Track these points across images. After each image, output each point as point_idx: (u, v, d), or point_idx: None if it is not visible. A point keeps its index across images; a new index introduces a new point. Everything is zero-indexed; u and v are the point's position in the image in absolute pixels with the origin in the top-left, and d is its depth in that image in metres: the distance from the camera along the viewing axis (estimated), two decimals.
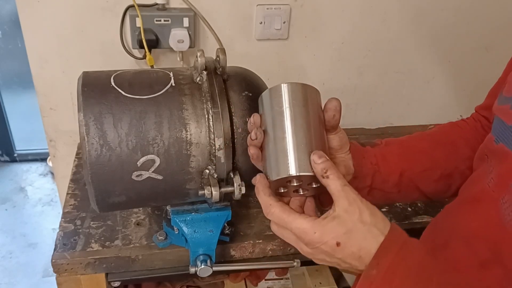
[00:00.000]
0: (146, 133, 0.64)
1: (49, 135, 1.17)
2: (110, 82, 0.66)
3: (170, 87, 0.67)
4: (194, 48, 1.08)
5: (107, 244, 0.82)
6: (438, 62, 1.28)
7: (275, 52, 1.17)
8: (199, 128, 0.66)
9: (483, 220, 0.56)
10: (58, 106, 1.12)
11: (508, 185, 0.53)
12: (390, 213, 0.96)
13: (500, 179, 0.56)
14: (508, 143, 0.55)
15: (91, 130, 0.62)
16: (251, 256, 0.87)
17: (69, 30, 1.04)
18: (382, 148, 0.70)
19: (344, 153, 0.63)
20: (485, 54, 1.28)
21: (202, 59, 0.67)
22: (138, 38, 1.02)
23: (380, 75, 1.27)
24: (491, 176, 0.57)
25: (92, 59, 1.08)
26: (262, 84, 0.74)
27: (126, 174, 0.64)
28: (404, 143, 0.73)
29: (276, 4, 1.09)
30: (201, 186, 0.68)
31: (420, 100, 1.33)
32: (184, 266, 0.82)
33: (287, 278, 1.31)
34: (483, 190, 0.58)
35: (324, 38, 1.17)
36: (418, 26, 1.21)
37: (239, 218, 0.90)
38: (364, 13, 1.16)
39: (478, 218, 0.58)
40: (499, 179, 0.56)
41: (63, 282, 0.81)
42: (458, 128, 0.75)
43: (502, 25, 1.24)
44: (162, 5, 1.03)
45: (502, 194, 0.54)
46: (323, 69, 1.22)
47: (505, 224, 0.52)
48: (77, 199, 0.93)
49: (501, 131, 0.57)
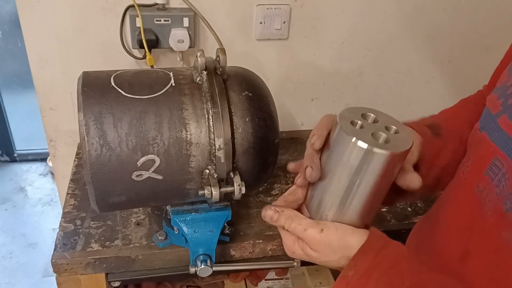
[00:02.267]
0: (146, 133, 0.64)
1: (49, 135, 1.17)
2: (110, 82, 0.66)
3: (170, 87, 0.67)
4: (194, 48, 1.08)
5: (107, 244, 0.82)
6: (438, 62, 1.28)
7: (275, 52, 1.17)
8: (199, 128, 0.66)
9: (462, 209, 0.57)
10: (58, 106, 1.12)
11: (481, 173, 0.54)
12: (390, 213, 0.96)
13: (475, 166, 0.56)
14: (489, 132, 0.55)
15: (91, 130, 0.62)
16: (251, 256, 0.87)
17: (69, 30, 1.04)
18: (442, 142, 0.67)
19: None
20: (485, 54, 1.28)
21: (202, 59, 0.67)
22: (138, 38, 1.02)
23: (380, 75, 1.27)
24: (467, 164, 0.58)
25: (92, 59, 1.08)
26: (262, 84, 0.74)
27: (126, 174, 0.64)
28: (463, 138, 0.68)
29: (276, 4, 1.09)
30: (201, 186, 0.68)
31: (420, 100, 1.33)
32: (184, 266, 0.82)
33: (287, 278, 1.31)
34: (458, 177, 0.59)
35: (324, 38, 1.17)
36: (418, 26, 1.21)
37: (239, 218, 0.90)
38: (364, 13, 1.16)
39: (457, 208, 0.58)
40: (473, 166, 0.56)
41: (63, 282, 0.81)
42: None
43: (502, 25, 1.24)
44: (162, 5, 1.03)
45: (476, 182, 0.54)
46: (323, 69, 1.22)
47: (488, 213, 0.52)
48: (77, 199, 0.93)
49: (486, 120, 0.57)
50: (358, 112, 0.53)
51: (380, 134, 0.51)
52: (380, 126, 0.52)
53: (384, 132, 0.51)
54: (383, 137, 0.50)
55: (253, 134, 0.68)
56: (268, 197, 0.96)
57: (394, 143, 0.49)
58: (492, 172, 0.52)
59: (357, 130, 0.50)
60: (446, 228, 0.59)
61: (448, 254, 0.57)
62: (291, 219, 0.55)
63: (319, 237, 0.53)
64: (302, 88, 1.24)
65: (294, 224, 0.54)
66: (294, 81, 1.22)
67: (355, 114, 0.53)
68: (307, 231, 0.53)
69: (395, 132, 0.52)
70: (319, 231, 0.53)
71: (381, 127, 0.52)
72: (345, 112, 0.53)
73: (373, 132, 0.50)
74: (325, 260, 0.55)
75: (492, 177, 0.52)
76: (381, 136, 0.51)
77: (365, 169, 0.49)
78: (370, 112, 0.54)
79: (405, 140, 0.50)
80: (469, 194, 0.55)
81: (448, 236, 0.58)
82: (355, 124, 0.51)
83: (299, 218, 0.55)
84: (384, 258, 0.51)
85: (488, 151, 0.54)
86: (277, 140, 0.71)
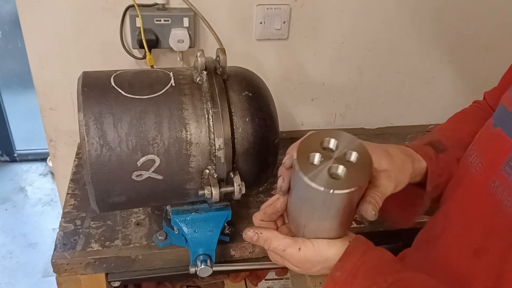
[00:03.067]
0: (146, 133, 0.64)
1: (49, 135, 1.17)
2: (110, 82, 0.66)
3: (170, 87, 0.67)
4: (194, 48, 1.08)
5: (107, 244, 0.82)
6: (438, 62, 1.28)
7: (275, 52, 1.17)
8: (199, 128, 0.66)
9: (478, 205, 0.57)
10: (58, 106, 1.12)
11: (498, 169, 0.54)
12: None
13: (490, 163, 0.56)
14: (505, 128, 0.56)
15: (91, 130, 0.62)
16: (251, 256, 0.87)
17: (69, 30, 1.04)
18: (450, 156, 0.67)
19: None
20: (485, 54, 1.28)
21: (202, 59, 0.67)
22: (138, 38, 1.02)
23: (380, 75, 1.27)
24: (479, 161, 0.58)
25: (92, 59, 1.07)
26: (262, 84, 0.74)
27: (126, 174, 0.64)
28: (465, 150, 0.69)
29: (276, 4, 1.09)
30: (201, 186, 0.68)
31: (420, 100, 1.33)
32: (184, 266, 0.82)
33: (287, 278, 1.31)
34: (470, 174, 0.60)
35: (324, 38, 1.17)
36: (418, 26, 1.20)
37: (239, 218, 0.90)
38: (364, 13, 1.16)
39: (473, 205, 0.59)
40: (488, 163, 0.57)
41: (63, 282, 0.81)
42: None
43: (502, 25, 1.24)
44: (162, 5, 1.03)
45: (492, 178, 0.55)
46: (323, 69, 1.22)
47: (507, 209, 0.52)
48: (77, 199, 0.93)
49: (502, 116, 0.58)
50: (318, 140, 0.52)
51: (337, 168, 0.50)
52: (340, 154, 0.51)
53: (343, 163, 0.50)
54: (340, 171, 0.50)
55: (253, 134, 0.68)
56: (268, 197, 0.96)
57: (353, 175, 0.49)
58: (510, 167, 0.52)
59: (314, 167, 0.50)
60: (460, 224, 0.60)
61: (461, 249, 0.58)
62: (270, 240, 0.57)
63: (297, 256, 0.56)
64: (302, 88, 1.24)
65: (274, 245, 0.57)
66: (294, 81, 1.22)
67: (314, 143, 0.52)
68: (286, 251, 0.56)
69: (355, 159, 0.51)
70: (297, 250, 0.56)
71: (341, 155, 0.51)
72: (304, 143, 0.52)
73: (331, 167, 0.50)
74: (307, 272, 0.58)
75: (509, 172, 0.52)
76: (338, 170, 0.50)
77: (326, 204, 0.50)
78: (330, 136, 0.53)
79: (364, 168, 0.50)
80: (484, 190, 0.56)
81: (463, 232, 0.59)
82: (313, 158, 0.51)
83: (277, 239, 0.57)
84: (368, 258, 0.54)
85: (505, 147, 0.54)
86: (277, 140, 0.71)
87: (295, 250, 0.56)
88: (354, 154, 0.51)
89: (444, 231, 0.62)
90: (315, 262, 0.56)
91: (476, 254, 0.55)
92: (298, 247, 0.56)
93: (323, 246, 0.55)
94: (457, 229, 0.60)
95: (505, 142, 0.54)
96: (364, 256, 0.54)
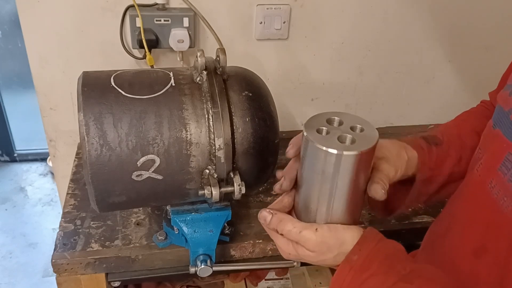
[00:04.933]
0: (146, 133, 0.64)
1: (49, 135, 1.17)
2: (110, 82, 0.66)
3: (170, 87, 0.67)
4: (194, 48, 1.08)
5: (107, 244, 0.82)
6: (438, 62, 1.28)
7: (275, 52, 1.17)
8: (199, 128, 0.66)
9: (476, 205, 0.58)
10: (58, 106, 1.12)
11: (495, 169, 0.54)
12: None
13: (488, 163, 0.57)
14: (503, 128, 0.56)
15: (91, 130, 0.62)
16: (251, 256, 0.87)
17: (69, 30, 1.04)
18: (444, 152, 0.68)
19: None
20: (485, 54, 1.28)
21: (202, 59, 0.67)
22: (138, 38, 1.02)
23: (380, 75, 1.27)
24: (480, 161, 0.59)
25: (92, 59, 1.08)
26: (262, 84, 0.74)
27: (126, 174, 0.64)
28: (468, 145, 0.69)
29: (276, 4, 1.09)
30: (201, 186, 0.68)
31: (420, 100, 1.33)
32: (184, 266, 0.82)
33: (287, 278, 1.31)
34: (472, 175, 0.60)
35: (324, 38, 1.17)
36: (418, 26, 1.21)
37: (239, 218, 0.90)
38: (364, 13, 1.16)
39: (472, 204, 0.59)
40: (487, 163, 0.57)
41: (63, 282, 0.81)
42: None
43: (502, 25, 1.24)
44: (162, 5, 1.03)
45: (490, 178, 0.55)
46: (323, 69, 1.22)
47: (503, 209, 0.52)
48: (77, 199, 0.93)
49: (499, 116, 0.58)
50: (323, 118, 0.55)
51: (345, 136, 0.53)
52: (345, 127, 0.54)
53: (350, 133, 0.53)
54: (349, 138, 0.53)
55: (253, 134, 0.68)
56: (268, 197, 0.96)
57: (360, 142, 0.52)
58: (505, 168, 0.53)
59: (323, 137, 0.52)
60: (460, 224, 0.60)
61: (463, 248, 0.58)
62: (284, 222, 0.56)
63: (315, 237, 0.54)
64: (302, 88, 1.24)
65: (289, 227, 0.55)
66: (294, 81, 1.22)
67: (320, 121, 0.55)
68: (302, 233, 0.55)
69: (360, 130, 0.54)
70: (313, 231, 0.54)
71: (347, 128, 0.54)
72: (310, 121, 0.55)
73: (339, 135, 0.52)
74: (322, 259, 0.56)
75: (505, 172, 0.53)
76: (347, 138, 0.53)
77: (339, 172, 0.51)
78: (334, 115, 0.56)
79: (371, 136, 0.53)
80: (482, 190, 0.56)
81: (463, 231, 0.59)
82: (321, 131, 0.53)
83: (292, 221, 0.56)
84: (384, 246, 0.54)
85: (501, 147, 0.54)
86: (277, 140, 0.71)
87: (312, 231, 0.54)
88: (359, 126, 0.54)
89: (448, 230, 0.63)
90: (332, 245, 0.54)
91: (476, 254, 0.56)
92: (314, 228, 0.54)
93: (340, 228, 0.54)
94: (460, 229, 0.60)
95: (502, 142, 0.55)
96: (380, 243, 0.54)
